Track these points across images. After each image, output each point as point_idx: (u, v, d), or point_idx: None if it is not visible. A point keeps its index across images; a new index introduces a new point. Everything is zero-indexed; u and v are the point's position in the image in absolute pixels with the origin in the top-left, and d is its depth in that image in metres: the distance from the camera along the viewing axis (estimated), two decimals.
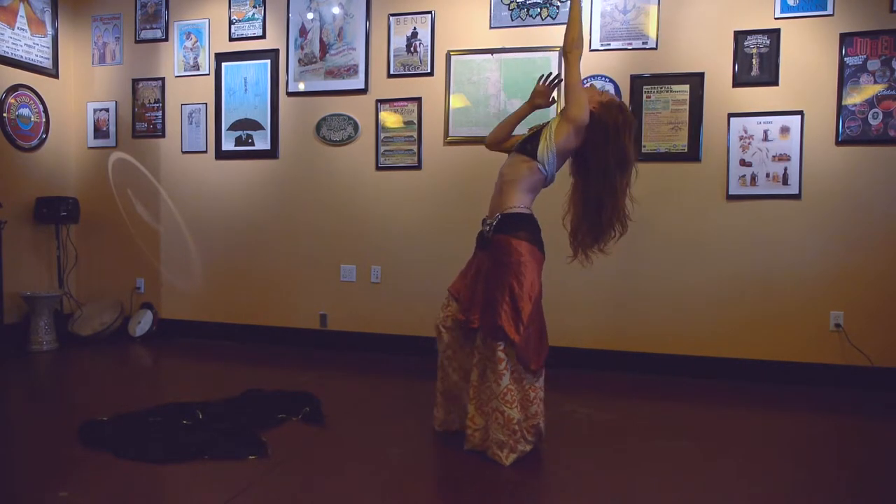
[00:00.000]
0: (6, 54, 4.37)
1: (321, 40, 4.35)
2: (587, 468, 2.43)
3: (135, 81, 4.78)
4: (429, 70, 4.15)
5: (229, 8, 4.54)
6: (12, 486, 2.25)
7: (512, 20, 4.00)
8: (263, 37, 4.48)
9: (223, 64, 4.56)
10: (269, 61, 4.47)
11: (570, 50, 2.43)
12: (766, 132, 3.66)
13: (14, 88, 4.44)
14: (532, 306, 2.41)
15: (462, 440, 2.54)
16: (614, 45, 3.86)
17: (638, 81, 3.83)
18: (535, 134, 2.53)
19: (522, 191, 2.50)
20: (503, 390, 2.38)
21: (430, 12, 4.14)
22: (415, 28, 4.17)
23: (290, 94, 4.44)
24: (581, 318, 3.96)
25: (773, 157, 3.66)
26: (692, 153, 3.77)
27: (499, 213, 2.51)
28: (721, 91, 3.73)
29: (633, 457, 2.55)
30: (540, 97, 2.69)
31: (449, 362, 2.64)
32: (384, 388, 3.51)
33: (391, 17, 4.21)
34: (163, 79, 4.72)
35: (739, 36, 3.68)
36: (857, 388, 3.53)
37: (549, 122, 2.53)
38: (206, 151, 4.64)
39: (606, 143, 2.44)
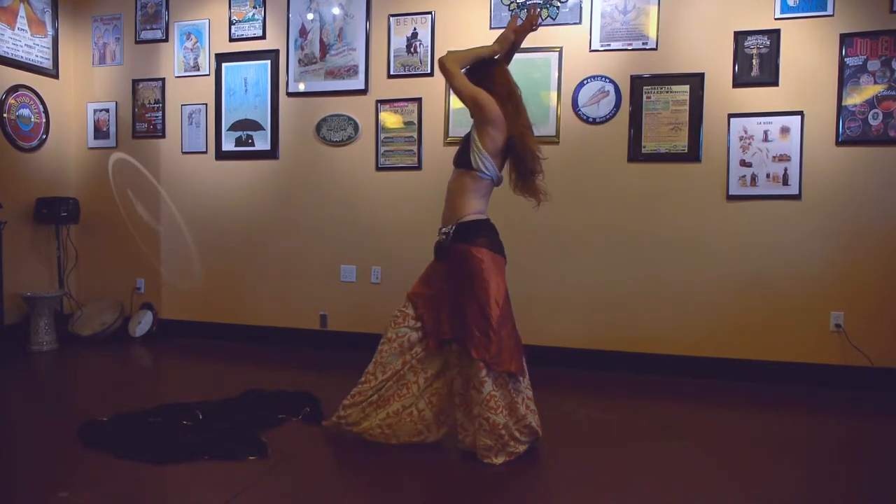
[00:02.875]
0: (6, 55, 4.37)
1: (321, 41, 4.35)
2: (587, 468, 2.43)
3: (135, 82, 4.78)
4: (429, 70, 4.15)
5: (229, 8, 4.54)
6: (13, 486, 2.25)
7: None
8: (263, 37, 4.48)
9: (223, 64, 4.56)
10: (269, 62, 4.47)
11: (445, 63, 2.43)
12: (766, 132, 3.66)
13: (14, 89, 4.44)
14: (500, 310, 2.42)
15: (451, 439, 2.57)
16: (614, 45, 3.86)
17: (638, 82, 3.83)
18: (464, 145, 2.53)
19: (473, 198, 2.50)
20: (486, 397, 2.39)
21: (430, 13, 4.14)
22: (415, 28, 4.17)
23: (290, 94, 4.44)
24: (581, 318, 3.96)
25: (774, 157, 3.66)
26: (692, 153, 3.77)
27: (454, 222, 2.50)
28: (721, 91, 3.73)
29: (633, 457, 2.54)
30: (512, 36, 2.59)
31: (380, 356, 2.60)
32: None
33: (391, 18, 4.21)
34: (163, 79, 4.72)
35: (739, 36, 3.68)
36: (858, 389, 3.53)
37: (470, 131, 2.52)
38: (206, 152, 4.65)
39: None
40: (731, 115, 3.71)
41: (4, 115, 4.37)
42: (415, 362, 2.57)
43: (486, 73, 2.51)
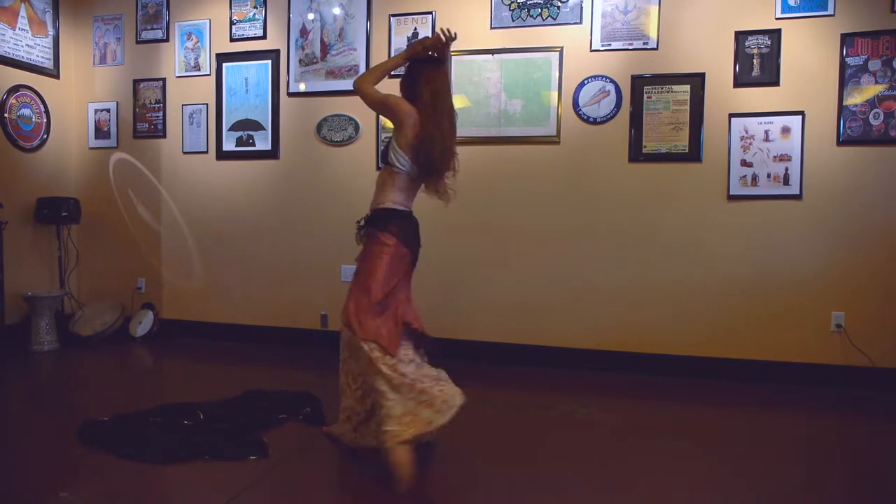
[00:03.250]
0: (7, 55, 4.37)
1: (322, 41, 4.35)
2: (588, 468, 2.43)
3: (136, 82, 4.78)
4: None
5: (230, 8, 4.54)
6: (13, 485, 2.25)
7: (513, 20, 4.00)
8: (264, 37, 4.48)
9: (224, 64, 4.56)
10: (269, 62, 4.47)
11: (355, 86, 2.62)
12: (767, 132, 3.66)
13: (15, 89, 4.44)
14: (381, 294, 2.44)
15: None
16: (615, 45, 3.86)
17: (639, 82, 3.82)
18: (387, 143, 2.63)
19: (391, 190, 2.56)
20: (366, 361, 2.41)
21: (430, 13, 4.14)
22: (415, 29, 4.17)
23: (290, 94, 4.44)
24: (581, 319, 3.96)
25: (774, 157, 3.66)
26: (693, 153, 3.77)
27: (370, 209, 2.60)
28: (722, 91, 3.72)
29: (634, 457, 2.54)
30: (420, 50, 2.63)
31: (343, 365, 2.63)
32: None
33: (392, 18, 4.21)
34: (164, 79, 4.72)
35: (740, 36, 3.68)
36: (859, 389, 3.52)
37: None
38: (206, 152, 4.65)
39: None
40: (731, 115, 3.71)
41: (6, 115, 4.37)
42: None
43: (416, 74, 2.59)
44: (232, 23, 4.54)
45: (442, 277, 4.16)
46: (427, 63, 2.61)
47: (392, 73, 2.73)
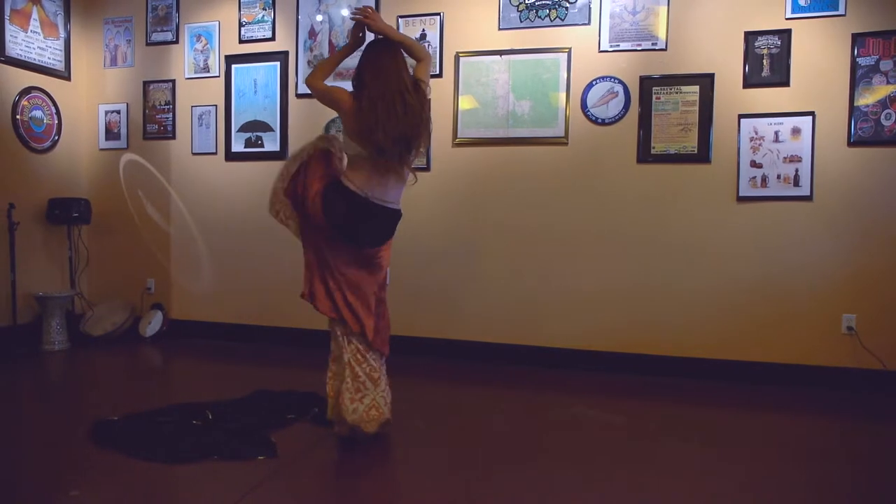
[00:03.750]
0: (20, 57, 4.42)
1: (330, 42, 4.37)
2: (594, 469, 2.42)
3: (146, 83, 4.81)
4: (437, 71, 4.14)
5: (239, 10, 4.57)
6: (24, 484, 2.27)
7: (521, 21, 4.00)
8: (273, 39, 4.50)
9: (233, 66, 4.59)
10: (278, 63, 4.49)
11: (307, 83, 2.70)
12: (776, 133, 3.64)
13: (27, 91, 4.48)
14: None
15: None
16: (623, 46, 3.85)
17: (647, 82, 3.81)
18: None
19: (349, 170, 2.65)
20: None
21: (438, 14, 4.15)
22: (423, 30, 4.17)
23: (299, 95, 4.46)
24: (589, 320, 3.95)
25: (784, 158, 3.63)
26: (702, 154, 3.75)
27: None
28: (731, 92, 3.70)
29: (642, 458, 2.53)
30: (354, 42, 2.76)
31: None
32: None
33: (400, 19, 4.21)
34: (173, 81, 4.75)
35: (750, 36, 3.66)
36: (870, 392, 3.49)
37: None
38: (216, 153, 4.67)
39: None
40: (741, 116, 3.69)
41: (17, 116, 4.41)
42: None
43: (360, 61, 2.64)
44: (241, 24, 4.56)
45: (448, 277, 4.16)
46: (372, 48, 2.65)
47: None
